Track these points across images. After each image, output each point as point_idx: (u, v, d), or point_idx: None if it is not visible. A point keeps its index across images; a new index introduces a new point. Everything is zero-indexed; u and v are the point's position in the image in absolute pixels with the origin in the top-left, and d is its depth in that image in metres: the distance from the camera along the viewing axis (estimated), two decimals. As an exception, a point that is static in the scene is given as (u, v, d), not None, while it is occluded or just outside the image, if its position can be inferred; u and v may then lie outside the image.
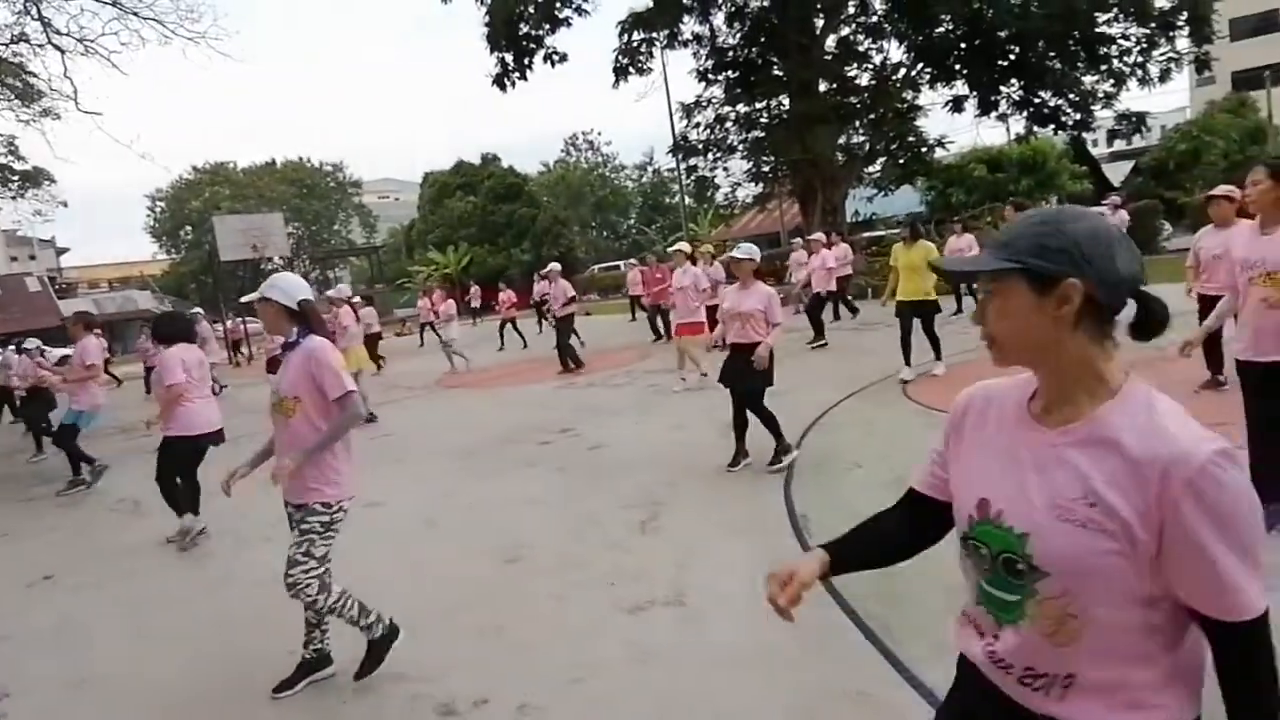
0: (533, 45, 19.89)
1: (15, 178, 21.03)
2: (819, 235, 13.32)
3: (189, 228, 53.48)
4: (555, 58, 20.10)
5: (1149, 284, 1.09)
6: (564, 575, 3.98)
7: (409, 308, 33.41)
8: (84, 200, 67.97)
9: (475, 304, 24.01)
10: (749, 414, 5.38)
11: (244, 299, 3.61)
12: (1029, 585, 1.07)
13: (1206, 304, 5.26)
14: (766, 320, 5.24)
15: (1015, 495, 1.09)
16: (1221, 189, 5.21)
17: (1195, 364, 6.08)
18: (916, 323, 7.66)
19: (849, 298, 14.02)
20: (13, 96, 18.51)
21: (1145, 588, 1.00)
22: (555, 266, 12.62)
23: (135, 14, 14.43)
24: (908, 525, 1.38)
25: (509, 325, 17.19)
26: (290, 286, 3.13)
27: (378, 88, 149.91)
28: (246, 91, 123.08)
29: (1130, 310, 1.08)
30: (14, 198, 21.41)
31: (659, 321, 14.21)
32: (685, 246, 9.92)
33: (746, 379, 5.23)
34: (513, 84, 20.07)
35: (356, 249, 56.09)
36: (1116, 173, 30.19)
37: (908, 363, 7.70)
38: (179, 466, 5.40)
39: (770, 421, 5.32)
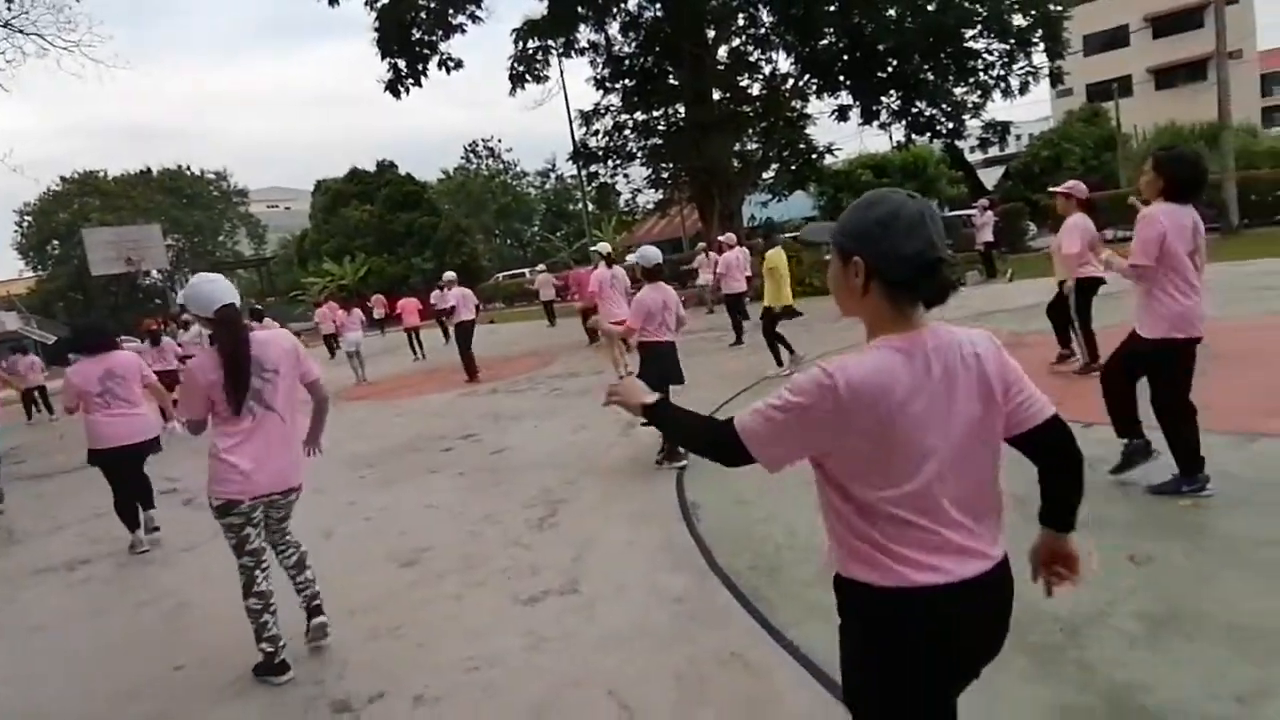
0: (426, 51, 19.63)
1: None
2: (729, 235, 13.72)
3: (56, 242, 49.51)
4: (450, 64, 19.90)
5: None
6: (462, 575, 4.04)
7: (304, 321, 32.12)
8: (-65, 214, 61.70)
9: (379, 314, 23.34)
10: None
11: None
12: None
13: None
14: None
15: None
16: (1065, 185, 5.85)
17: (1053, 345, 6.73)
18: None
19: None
20: None
21: None
22: (450, 275, 12.56)
23: (21, 31, 13.48)
24: None
25: (414, 335, 17.04)
26: (204, 293, 3.08)
27: (263, 93, 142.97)
28: (121, 99, 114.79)
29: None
30: None
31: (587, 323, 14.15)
32: (605, 247, 10.05)
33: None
34: (406, 90, 19.72)
35: (245, 261, 53.31)
36: (990, 177, 32.47)
37: (778, 362, 8.36)
38: (109, 478, 5.29)
39: None
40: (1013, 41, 18.15)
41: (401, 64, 19.52)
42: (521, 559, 4.13)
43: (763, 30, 20.84)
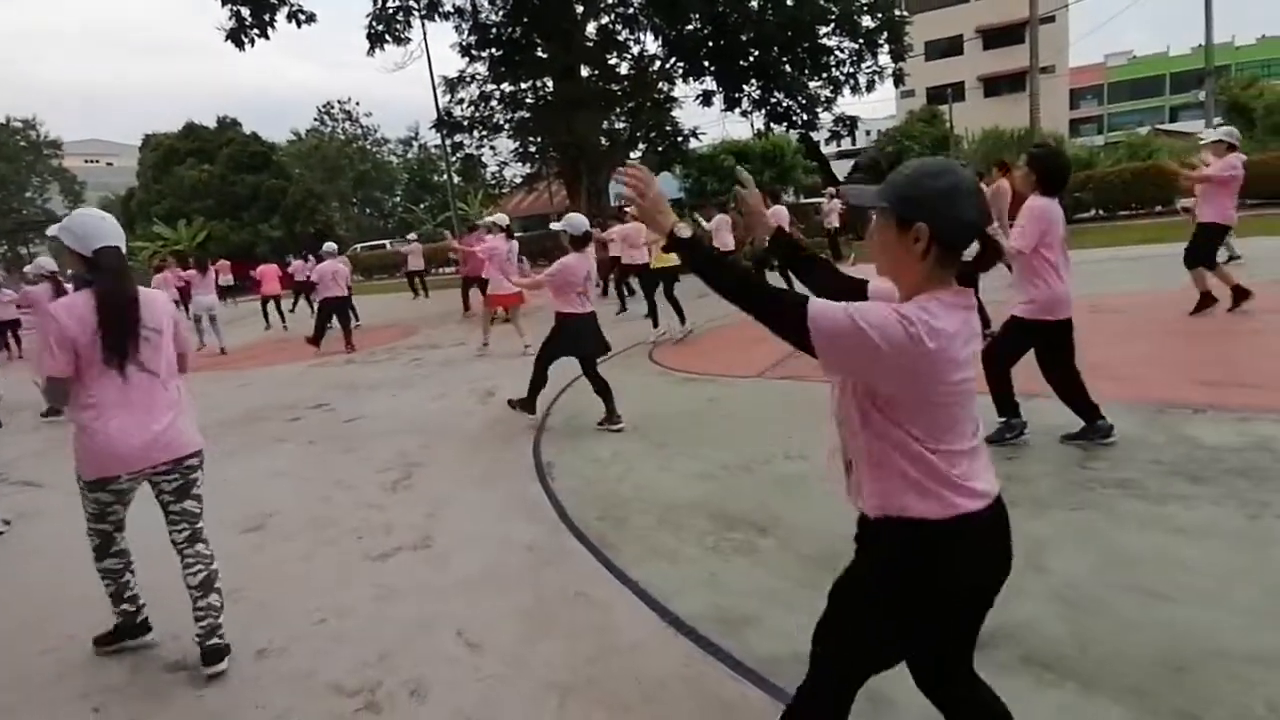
0: (274, 0, 18.25)
1: None
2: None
3: None
4: (301, 17, 18.61)
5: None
6: (311, 536, 3.98)
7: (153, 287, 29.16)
8: None
9: (224, 280, 21.56)
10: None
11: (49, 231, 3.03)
12: None
13: None
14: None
15: None
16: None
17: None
18: (662, 287, 8.64)
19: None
20: None
21: None
22: (330, 246, 11.77)
23: None
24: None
25: (271, 303, 16.00)
26: (82, 226, 2.77)
27: (81, 33, 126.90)
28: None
29: (974, 247, 1.47)
30: None
31: (469, 294, 13.79)
32: (504, 218, 9.93)
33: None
34: (251, 42, 18.24)
35: (57, 220, 47.54)
36: (842, 169, 34.62)
37: (655, 324, 8.63)
38: None
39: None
40: (862, 41, 19.36)
41: (245, 12, 18.03)
42: (374, 519, 4.13)
43: (630, 10, 21.01)
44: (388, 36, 19.48)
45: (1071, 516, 3.22)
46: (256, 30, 18.29)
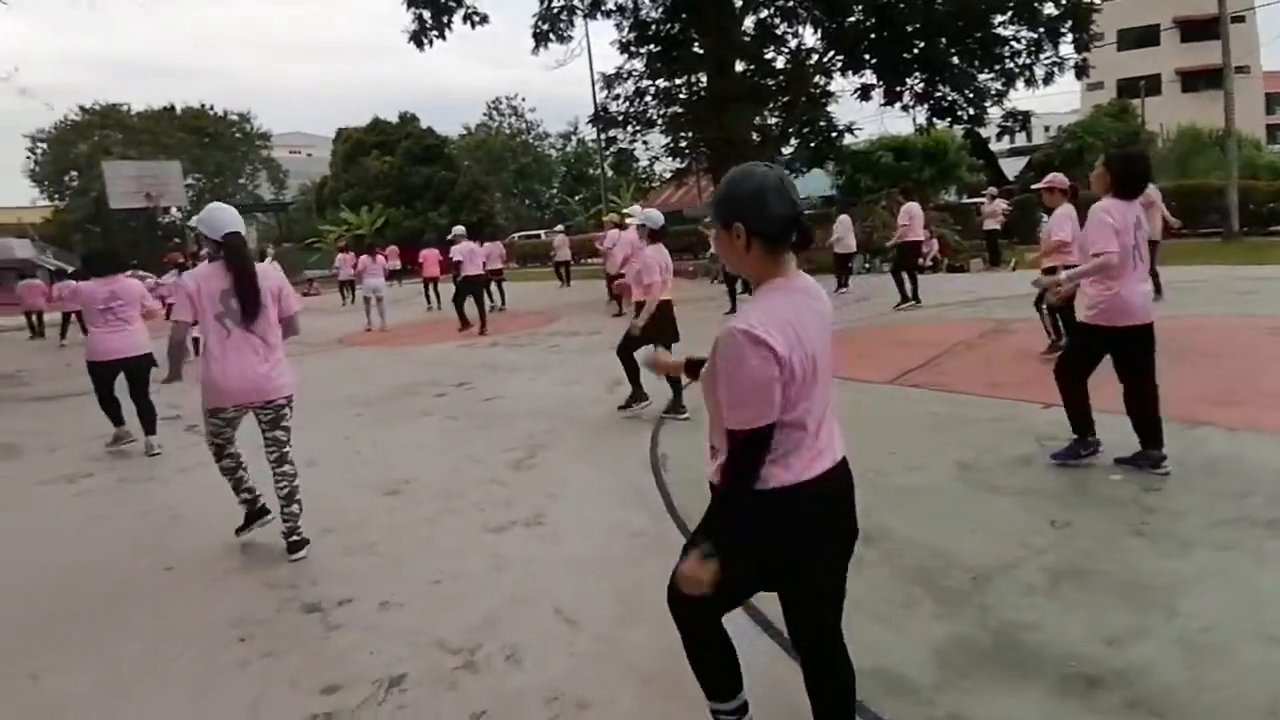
0: (452, 3, 19.52)
1: None
2: None
3: (75, 173, 49.74)
4: (476, 18, 19.80)
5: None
6: (439, 504, 4.30)
7: (320, 268, 32.39)
8: (-47, 137, 61.98)
9: (393, 265, 23.46)
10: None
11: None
12: None
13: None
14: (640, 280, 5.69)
15: None
16: (1045, 180, 5.95)
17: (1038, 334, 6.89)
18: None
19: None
20: None
21: None
22: (460, 230, 12.71)
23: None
24: None
25: (432, 285, 17.39)
26: (215, 218, 3.54)
27: (291, 36, 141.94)
28: (144, 29, 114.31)
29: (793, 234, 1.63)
30: None
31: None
32: (637, 210, 10.27)
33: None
34: (430, 42, 19.65)
35: (264, 205, 53.57)
36: (1013, 168, 32.15)
37: None
38: (96, 385, 6.01)
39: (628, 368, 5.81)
40: (1041, 30, 17.89)
41: (427, 15, 19.44)
42: (496, 494, 4.39)
43: (790, 3, 20.61)
44: (551, 35, 20.32)
45: (1215, 558, 2.89)
46: (435, 31, 19.68)
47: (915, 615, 2.68)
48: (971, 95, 19.80)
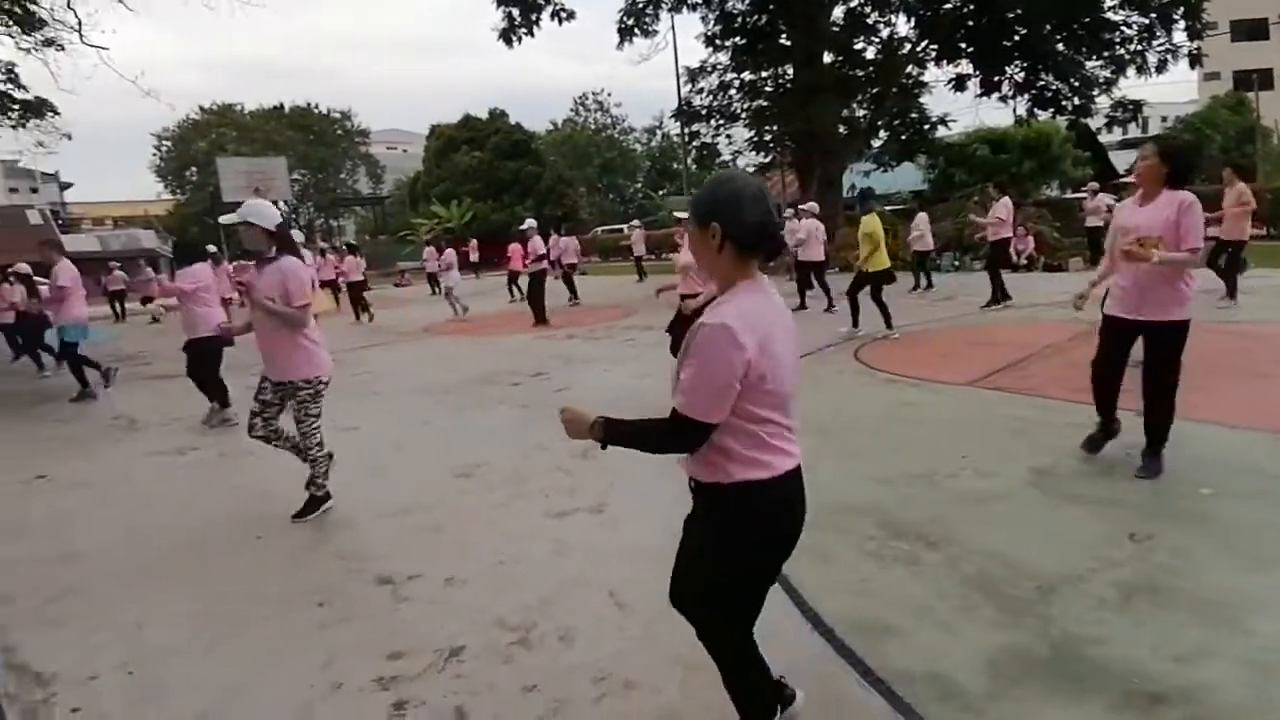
0: (541, 1, 19.91)
1: (15, 106, 20.95)
2: (811, 204, 13.62)
3: (194, 169, 53.38)
4: (563, 15, 20.13)
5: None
6: (507, 489, 4.45)
7: (413, 260, 33.72)
8: (89, 136, 67.48)
9: (474, 258, 24.23)
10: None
11: (223, 220, 4.10)
12: None
13: None
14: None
15: None
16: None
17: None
18: (869, 290, 8.33)
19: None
20: (11, 23, 18.51)
21: None
22: (531, 223, 13.15)
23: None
24: None
25: (514, 279, 17.84)
26: (268, 211, 3.72)
27: (390, 36, 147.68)
28: (256, 33, 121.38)
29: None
30: (14, 127, 21.32)
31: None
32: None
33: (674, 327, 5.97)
34: (519, 40, 20.12)
35: (362, 198, 56.02)
36: (1124, 160, 30.19)
37: (855, 324, 8.52)
38: (201, 363, 6.69)
39: None
40: (1153, 15, 16.75)
41: (515, 13, 19.90)
42: (562, 482, 4.51)
43: (883, -9, 20.03)
44: (636, 30, 20.44)
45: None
46: (524, 29, 20.12)
47: (973, 622, 2.61)
48: (1077, 84, 18.76)
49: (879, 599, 2.81)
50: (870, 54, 21.06)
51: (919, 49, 20.22)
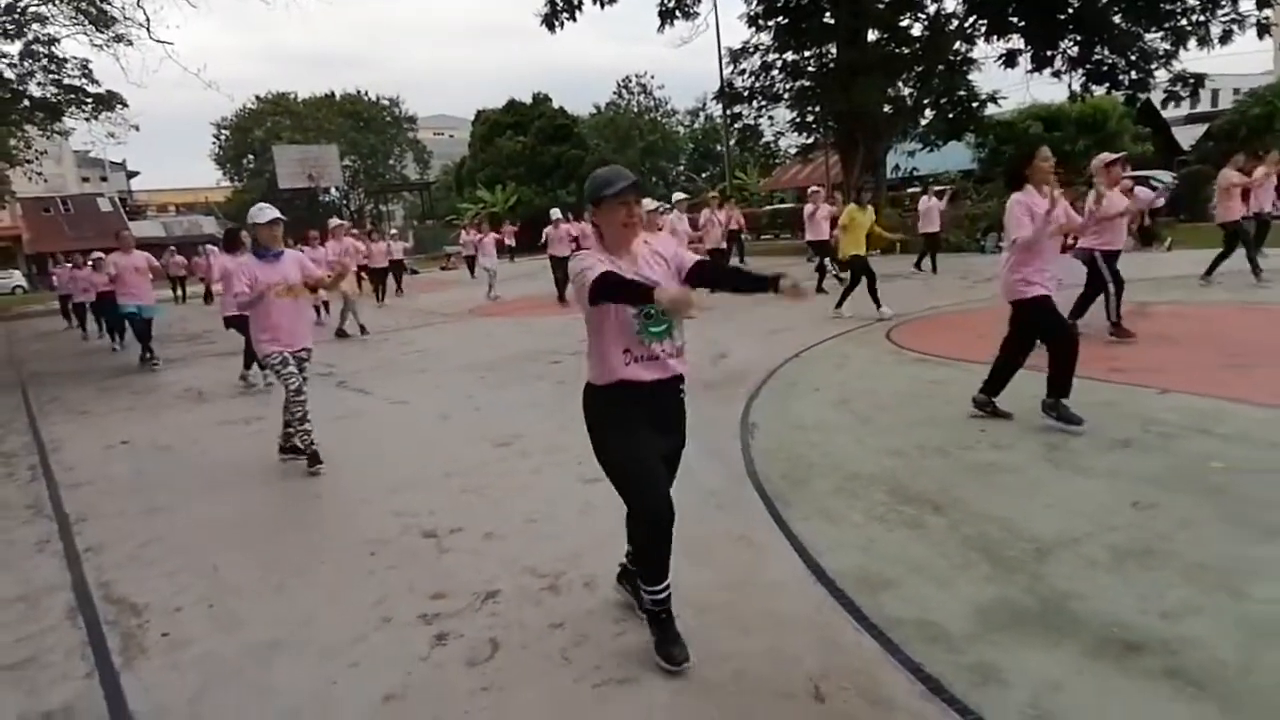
0: (583, -15, 20.05)
1: (89, 100, 22.21)
2: (817, 188, 13.73)
3: (251, 156, 55.18)
4: (605, -1, 20.24)
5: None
6: (544, 457, 4.74)
7: (458, 245, 34.38)
8: (154, 126, 70.07)
9: (510, 243, 24.53)
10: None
11: (262, 221, 4.72)
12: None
13: None
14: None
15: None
16: None
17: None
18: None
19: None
20: (87, 22, 19.55)
21: None
22: (555, 212, 13.50)
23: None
24: None
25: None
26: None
27: (433, 23, 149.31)
28: (308, 23, 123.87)
29: None
30: (87, 119, 22.60)
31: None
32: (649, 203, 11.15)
33: None
34: (561, 25, 20.33)
35: (410, 184, 57.14)
36: (1188, 135, 28.99)
37: (878, 306, 8.90)
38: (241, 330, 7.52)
39: None
40: (1218, -18, 16.14)
41: (558, -3, 20.11)
42: (594, 451, 4.77)
43: (930, -34, 19.64)
44: (678, 12, 20.45)
45: (1309, 550, 2.78)
46: (566, 14, 20.32)
47: (968, 578, 2.79)
48: (1135, 57, 18.18)
49: (881, 556, 3.01)
50: (916, 30, 20.70)
51: (967, 25, 19.80)
